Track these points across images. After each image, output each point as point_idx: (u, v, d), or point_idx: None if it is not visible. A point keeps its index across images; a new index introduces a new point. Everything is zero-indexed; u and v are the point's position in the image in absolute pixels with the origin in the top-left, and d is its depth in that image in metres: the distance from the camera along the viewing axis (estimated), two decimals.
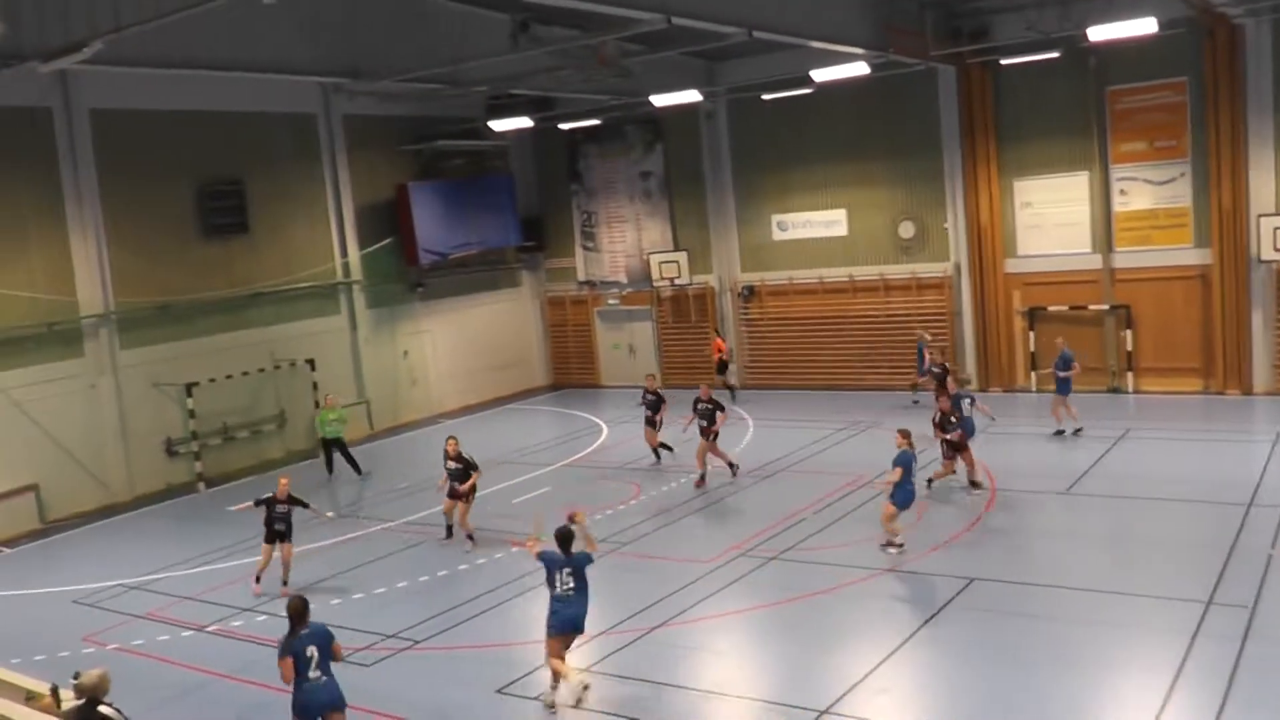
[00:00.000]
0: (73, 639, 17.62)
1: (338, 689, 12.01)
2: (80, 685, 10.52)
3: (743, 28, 22.86)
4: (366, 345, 34.09)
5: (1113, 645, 14.35)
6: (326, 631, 12.07)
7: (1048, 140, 30.99)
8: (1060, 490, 21.72)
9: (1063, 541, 19.16)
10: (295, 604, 12.10)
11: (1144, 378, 30.64)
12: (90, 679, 10.62)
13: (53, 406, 26.31)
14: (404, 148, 35.53)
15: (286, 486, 19.60)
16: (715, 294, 37.03)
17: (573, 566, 14.20)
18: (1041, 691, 13.13)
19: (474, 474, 21.26)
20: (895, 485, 18.43)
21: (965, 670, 14.08)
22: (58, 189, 26.83)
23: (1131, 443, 25.38)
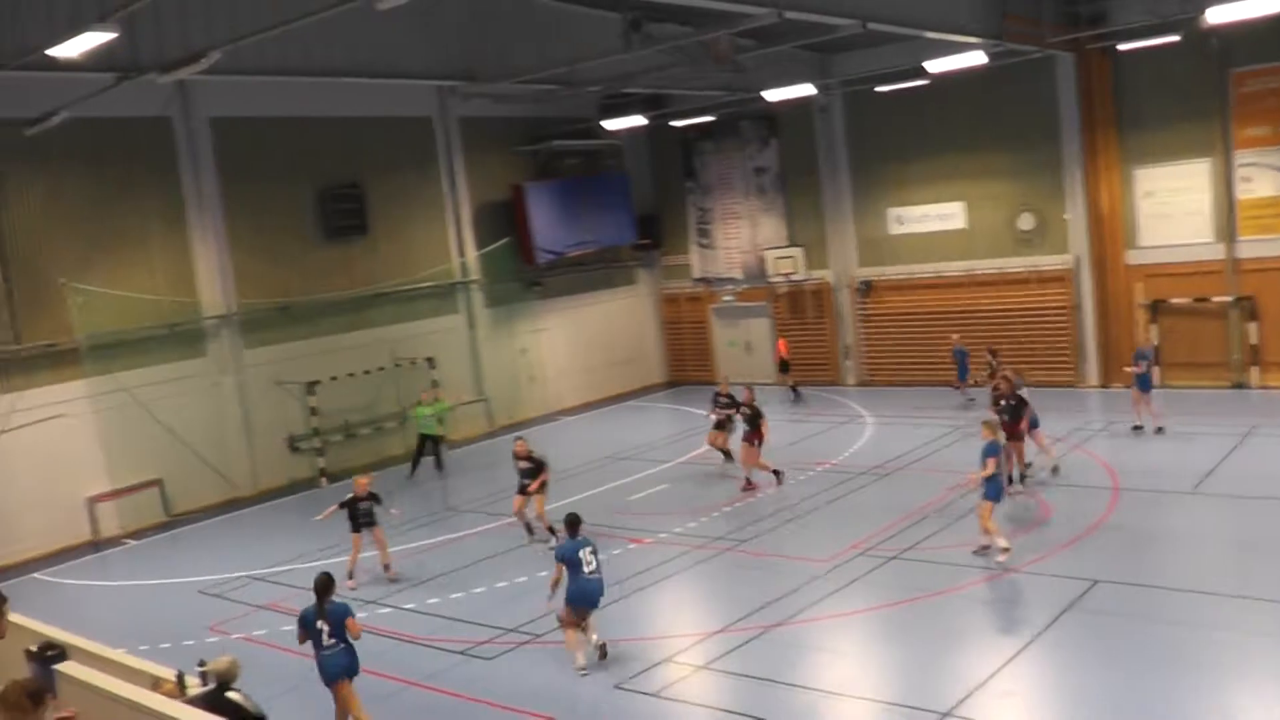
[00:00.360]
0: (198, 628, 18.01)
1: (348, 658, 13.10)
2: (212, 671, 10.75)
3: (856, 20, 22.60)
4: (485, 343, 34.41)
5: (1240, 652, 13.92)
6: (344, 610, 13.15)
7: (1168, 127, 30.22)
8: (1185, 490, 21.17)
9: (1188, 543, 18.67)
10: (321, 580, 13.23)
11: (1270, 373, 29.73)
12: (220, 665, 10.85)
13: (176, 404, 26.94)
14: (519, 148, 35.78)
15: (366, 485, 20.16)
16: (832, 289, 36.75)
17: (593, 546, 15.53)
18: (1167, 699, 12.77)
19: (544, 472, 21.44)
20: (986, 479, 18.11)
21: (1089, 675, 13.74)
22: (179, 195, 27.46)
23: (1258, 441, 24.61)
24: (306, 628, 13.07)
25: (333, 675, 13.04)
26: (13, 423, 24.26)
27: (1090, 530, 19.22)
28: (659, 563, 19.54)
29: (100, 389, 25.73)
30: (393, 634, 17.18)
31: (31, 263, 24.97)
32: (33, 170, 24.92)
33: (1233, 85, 29.25)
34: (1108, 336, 31.69)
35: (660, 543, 20.72)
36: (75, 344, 25.34)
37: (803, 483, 24.26)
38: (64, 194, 25.52)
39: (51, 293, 25.15)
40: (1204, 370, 30.41)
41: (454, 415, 31.83)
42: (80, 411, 25.47)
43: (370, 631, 17.33)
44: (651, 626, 16.91)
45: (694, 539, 20.74)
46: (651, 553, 20.17)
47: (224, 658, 11.01)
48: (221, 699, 10.74)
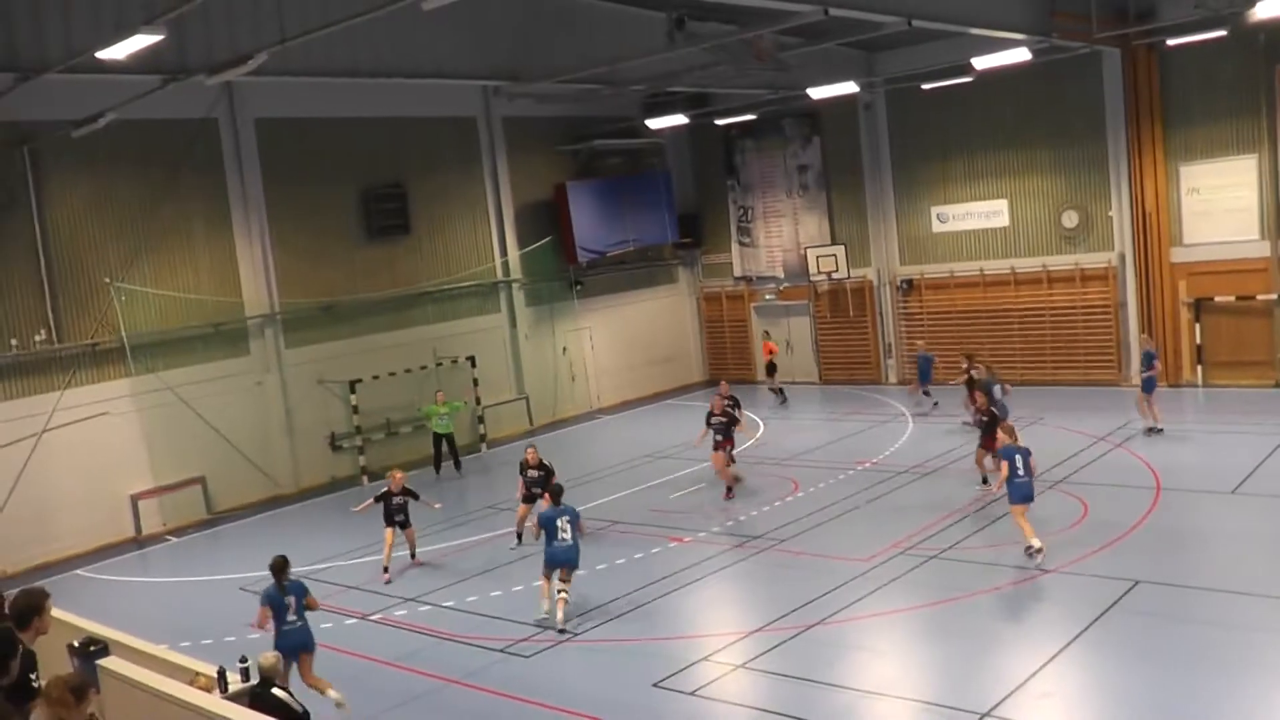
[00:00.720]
0: (239, 625, 18.08)
1: (308, 634, 14.27)
2: (259, 666, 10.91)
3: (901, 17, 22.51)
4: (526, 342, 34.52)
5: None
6: (302, 586, 14.54)
7: (1215, 123, 29.94)
8: (1226, 490, 20.96)
9: (1230, 544, 18.49)
10: (277, 561, 14.45)
11: None
12: (268, 661, 11.00)
13: (219, 403, 27.19)
14: (562, 148, 35.88)
15: (402, 480, 20.63)
16: (873, 288, 36.63)
17: (571, 515, 17.11)
18: (1209, 702, 12.64)
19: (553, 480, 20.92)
20: (1006, 481, 18.01)
21: (1130, 677, 13.63)
22: (224, 195, 27.73)
23: None
24: (272, 605, 14.10)
25: (294, 649, 13.98)
26: (57, 421, 24.55)
27: (1132, 530, 19.07)
28: (698, 561, 19.55)
29: (144, 387, 26.00)
30: (432, 631, 17.28)
31: (77, 262, 25.29)
32: (79, 171, 25.22)
33: (1279, 81, 28.93)
34: (1151, 335, 31.35)
35: (699, 541, 20.72)
36: (119, 343, 25.60)
37: (842, 482, 24.20)
38: (110, 195, 25.81)
39: (97, 292, 25.45)
40: (1247, 369, 30.09)
41: (479, 414, 32.04)
42: (124, 410, 25.77)
43: (409, 629, 17.52)
44: (690, 625, 16.92)
45: (733, 538, 20.74)
46: (690, 551, 20.18)
47: (269, 654, 11.15)
48: (267, 695, 10.89)
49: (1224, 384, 30.29)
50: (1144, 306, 31.45)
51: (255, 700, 10.67)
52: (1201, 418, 28.21)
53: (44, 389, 24.62)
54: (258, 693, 10.96)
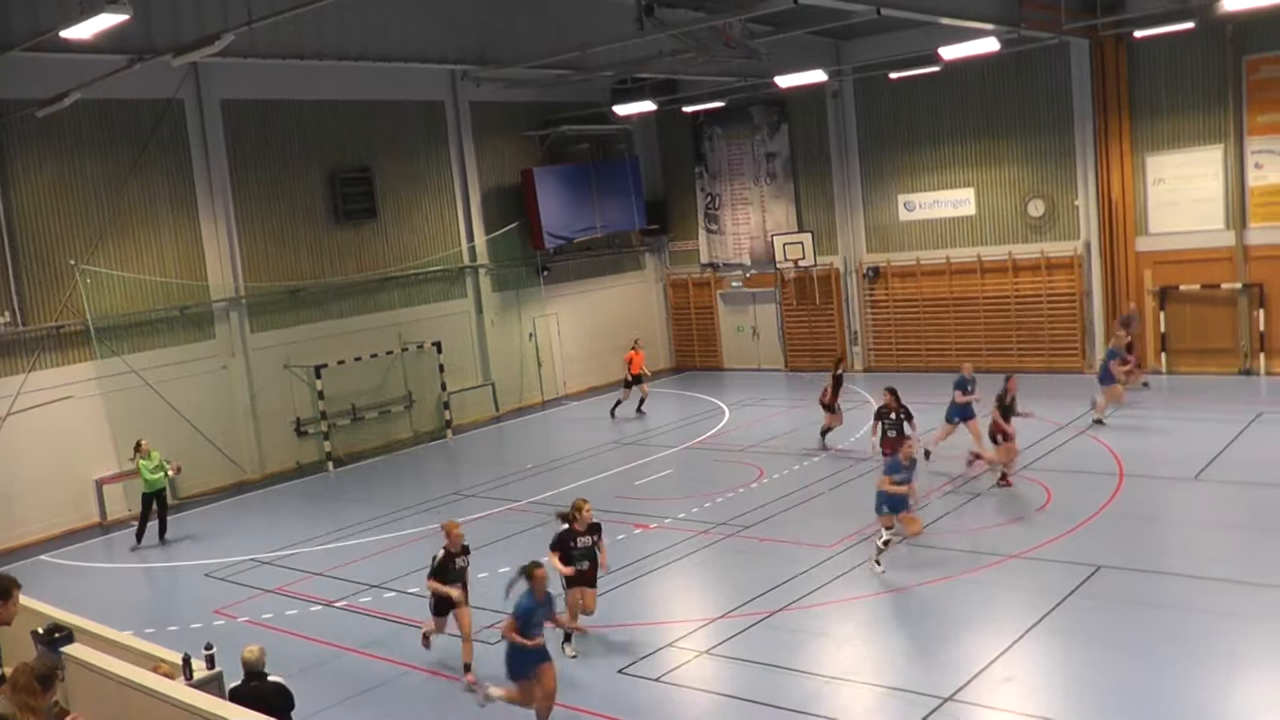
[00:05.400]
0: (204, 611, 18.09)
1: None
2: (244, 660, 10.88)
3: (870, 6, 22.56)
4: (492, 328, 34.45)
5: (1243, 638, 13.96)
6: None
7: (1181, 114, 30.19)
8: (1189, 476, 21.17)
9: (1191, 529, 18.68)
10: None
11: (1277, 360, 29.73)
12: (252, 654, 10.96)
13: (185, 387, 27.00)
14: (529, 133, 35.79)
15: (460, 536, 15.18)
16: (840, 275, 36.73)
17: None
18: (1169, 684, 12.81)
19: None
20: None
21: (1091, 660, 13.78)
22: (189, 178, 27.50)
23: (1263, 427, 24.59)
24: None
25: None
26: (20, 405, 24.35)
27: (1095, 516, 19.22)
28: (663, 548, 19.58)
29: (109, 371, 25.80)
30: (398, 618, 17.25)
31: (41, 244, 25.05)
32: (43, 151, 24.97)
33: (1246, 72, 29.19)
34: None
35: (664, 528, 20.77)
36: (84, 326, 25.41)
37: (806, 468, 24.29)
38: (75, 176, 25.56)
39: (61, 274, 25.24)
40: (1211, 357, 30.41)
41: (445, 400, 32.00)
42: (88, 393, 25.55)
43: (374, 615, 17.49)
44: (654, 611, 16.95)
45: (698, 524, 20.78)
46: (655, 538, 20.22)
47: (253, 647, 11.11)
48: (265, 683, 10.87)
49: (1188, 371, 30.61)
50: (1109, 295, 31.70)
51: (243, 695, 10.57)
52: (1165, 405, 28.44)
53: (7, 372, 24.38)
54: (253, 687, 10.88)
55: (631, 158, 38.42)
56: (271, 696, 10.68)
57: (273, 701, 10.59)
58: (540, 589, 12.62)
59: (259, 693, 10.65)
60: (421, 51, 26.81)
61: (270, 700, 10.55)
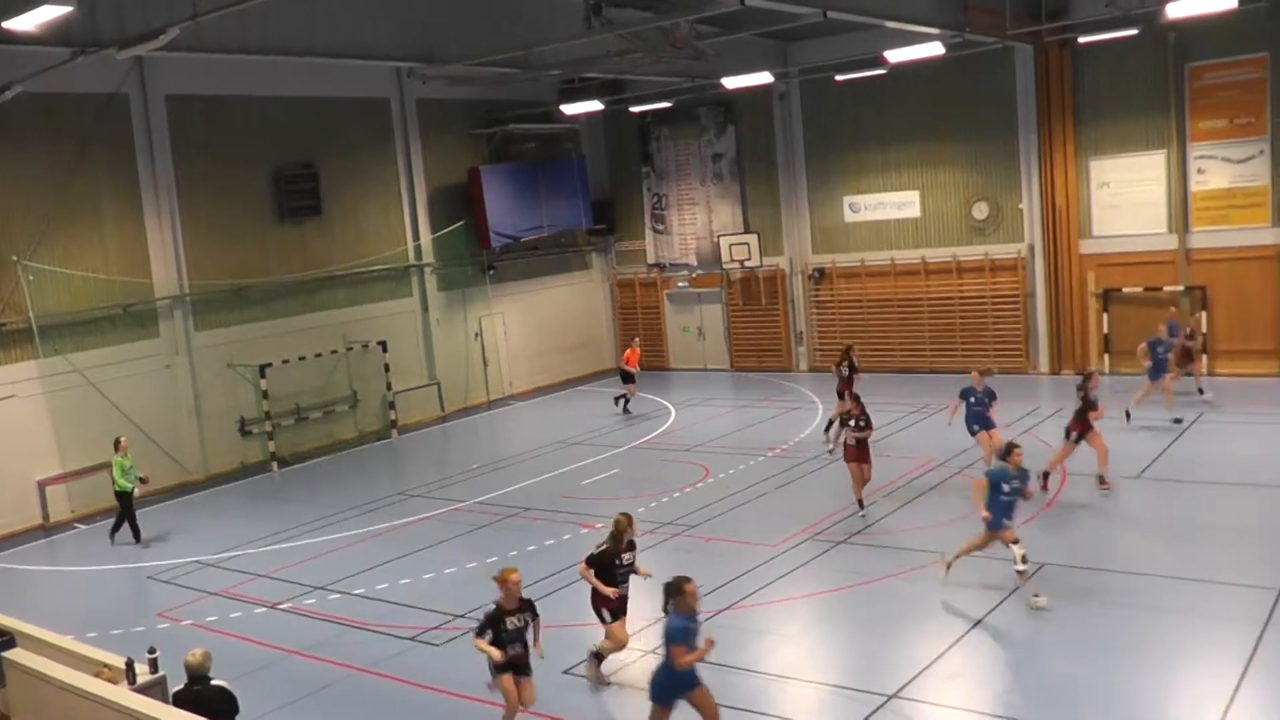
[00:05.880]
0: (147, 614, 17.92)
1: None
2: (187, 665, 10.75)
3: (817, 9, 22.69)
4: (438, 327, 34.31)
5: (1183, 632, 14.18)
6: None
7: (1125, 119, 30.58)
8: (1131, 475, 21.43)
9: (1134, 527, 18.93)
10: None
11: (1218, 360, 30.15)
12: (195, 658, 10.84)
13: (128, 386, 26.70)
14: (476, 131, 35.68)
15: (517, 585, 12.82)
16: (786, 276, 36.88)
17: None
18: (1111, 678, 12.98)
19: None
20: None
21: (1034, 656, 13.96)
22: (134, 173, 27.20)
23: (1205, 427, 24.99)
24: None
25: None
26: None
27: (1039, 514, 19.40)
28: None
29: (51, 370, 25.47)
30: (341, 620, 17.15)
31: None
32: None
33: (1189, 79, 29.61)
34: (1059, 324, 32.03)
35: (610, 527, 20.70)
36: (27, 324, 25.06)
37: (752, 468, 24.36)
38: (17, 170, 25.19)
39: (3, 270, 24.87)
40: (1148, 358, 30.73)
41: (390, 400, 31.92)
42: (31, 393, 25.22)
43: (319, 617, 17.38)
44: None
45: (643, 524, 20.67)
46: (601, 538, 20.11)
47: (197, 651, 10.99)
48: (208, 687, 10.75)
49: (1130, 372, 30.83)
50: (1053, 296, 32.03)
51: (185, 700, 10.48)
52: (1108, 404, 28.70)
53: None
54: (195, 691, 10.78)
55: (578, 157, 38.38)
56: (215, 700, 10.60)
57: (216, 705, 10.51)
58: (689, 606, 11.46)
59: (202, 697, 10.56)
60: (367, 48, 26.67)
61: (214, 704, 10.46)
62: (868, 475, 20.20)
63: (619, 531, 14.31)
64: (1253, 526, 18.25)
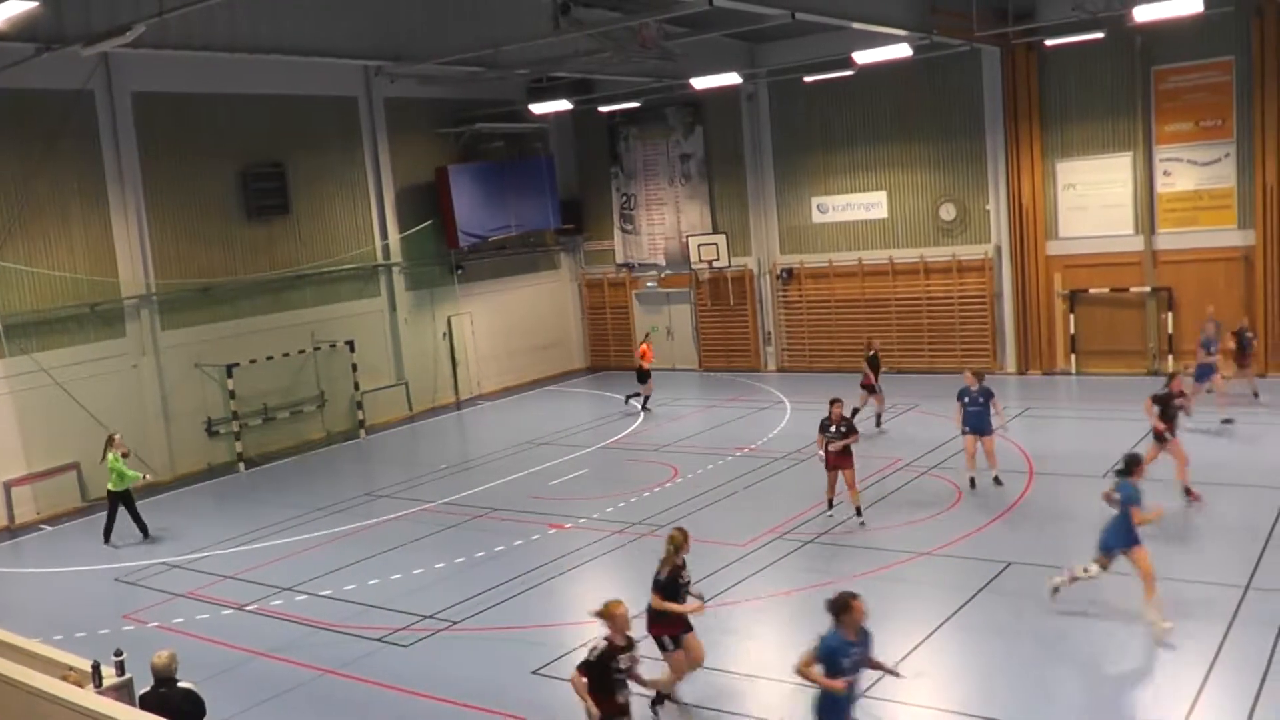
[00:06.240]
0: (113, 617, 17.79)
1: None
2: (153, 666, 10.68)
3: (785, 10, 22.74)
4: (406, 327, 34.21)
5: (1149, 631, 14.24)
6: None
7: (1092, 121, 30.78)
8: (1097, 474, 21.49)
9: (1099, 526, 18.93)
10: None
11: (1184, 360, 30.32)
12: (161, 660, 10.77)
13: (94, 386, 26.50)
14: (444, 130, 35.59)
15: (625, 619, 11.36)
16: (754, 276, 36.96)
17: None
18: (1077, 676, 13.08)
19: None
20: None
21: (1001, 655, 14.03)
22: (100, 171, 27.01)
23: None
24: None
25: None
26: None
27: (1005, 513, 19.54)
28: (577, 547, 19.60)
29: (17, 369, 25.25)
30: (308, 621, 17.08)
31: None
32: None
33: (1155, 82, 29.84)
34: (1026, 325, 32.20)
35: (578, 528, 20.76)
36: None
37: (721, 467, 24.39)
38: None
39: None
40: (1120, 358, 31.05)
41: (358, 400, 31.80)
42: None
43: (286, 619, 17.30)
44: (569, 612, 16.92)
45: (612, 524, 20.80)
46: (570, 538, 20.22)
47: (163, 653, 10.92)
48: (174, 690, 10.69)
49: (1097, 372, 31.20)
50: (1020, 297, 32.20)
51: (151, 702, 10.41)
52: (1074, 404, 29.05)
53: None
54: (161, 694, 10.71)
55: (547, 156, 38.33)
56: (181, 703, 10.54)
57: (183, 708, 10.45)
58: (855, 624, 10.59)
59: (168, 699, 10.50)
60: (335, 46, 26.54)
61: (180, 707, 10.41)
62: (849, 481, 19.54)
63: (677, 547, 13.29)
64: (1219, 525, 18.39)
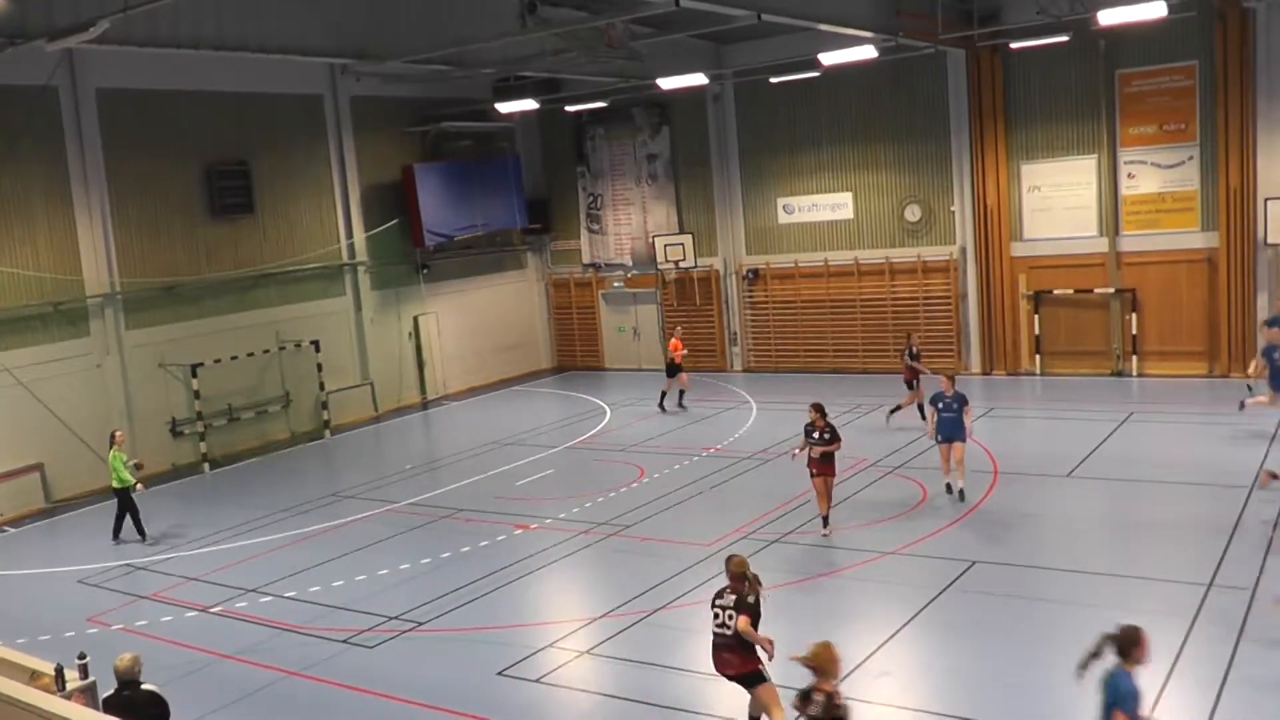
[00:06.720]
0: (77, 619, 17.67)
1: None
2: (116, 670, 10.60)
3: (751, 10, 22.79)
4: (371, 326, 34.09)
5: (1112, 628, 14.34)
6: None
7: (1056, 124, 30.99)
8: (1062, 474, 21.72)
9: (1065, 525, 19.16)
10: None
11: (1148, 361, 30.61)
12: (124, 662, 10.69)
13: (58, 386, 26.31)
14: (410, 129, 35.50)
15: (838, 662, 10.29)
16: (720, 277, 37.01)
17: None
18: (1043, 674, 13.13)
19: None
20: None
21: (966, 653, 14.11)
22: (64, 168, 26.80)
23: (1135, 426, 25.38)
24: None
25: None
26: None
27: (970, 513, 19.63)
28: (544, 548, 19.58)
29: None
30: (273, 623, 17.01)
31: None
32: None
33: (1119, 85, 30.05)
34: (990, 326, 32.37)
35: (545, 528, 20.75)
36: None
37: (686, 468, 24.42)
38: None
39: None
40: (1084, 358, 31.28)
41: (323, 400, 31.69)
42: None
43: (251, 621, 17.22)
44: (535, 612, 16.96)
45: (579, 524, 20.80)
46: (536, 538, 20.21)
47: (125, 656, 10.84)
48: (138, 692, 10.61)
49: (1061, 372, 31.42)
50: (984, 298, 32.36)
51: (114, 706, 10.35)
52: (1039, 404, 29.23)
53: None
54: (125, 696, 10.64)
55: (514, 156, 38.28)
56: (145, 706, 10.48)
57: (147, 711, 10.39)
58: (1142, 660, 9.54)
59: (132, 702, 10.44)
60: (300, 44, 26.38)
61: (144, 710, 10.35)
62: (825, 489, 19.16)
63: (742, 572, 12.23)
64: (1183, 523, 18.50)
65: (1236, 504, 18.89)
